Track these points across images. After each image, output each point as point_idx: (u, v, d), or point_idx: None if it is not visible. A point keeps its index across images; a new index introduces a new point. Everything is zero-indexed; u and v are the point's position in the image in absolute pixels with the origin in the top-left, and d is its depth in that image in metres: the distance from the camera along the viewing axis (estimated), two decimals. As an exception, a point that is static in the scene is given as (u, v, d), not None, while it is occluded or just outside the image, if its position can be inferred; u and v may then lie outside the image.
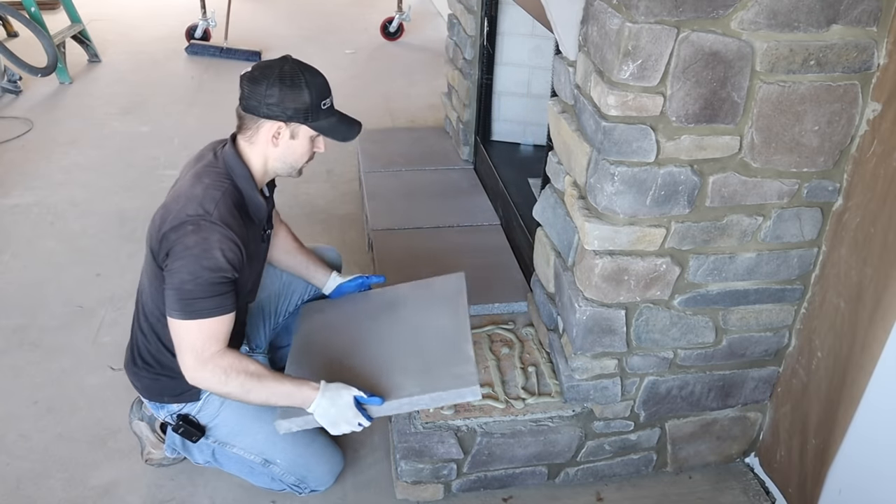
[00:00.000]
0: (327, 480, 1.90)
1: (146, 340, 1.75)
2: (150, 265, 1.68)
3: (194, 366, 1.57)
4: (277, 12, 6.46)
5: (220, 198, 1.59)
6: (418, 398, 1.67)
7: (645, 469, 2.01)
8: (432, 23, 6.20)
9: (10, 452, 2.02)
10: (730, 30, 1.40)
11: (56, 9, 5.42)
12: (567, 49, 1.68)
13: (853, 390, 1.62)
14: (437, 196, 2.93)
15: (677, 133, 1.49)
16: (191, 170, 1.69)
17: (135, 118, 4.21)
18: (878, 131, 1.51)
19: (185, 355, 1.58)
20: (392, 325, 1.93)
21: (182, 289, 1.54)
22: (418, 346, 1.82)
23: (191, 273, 1.53)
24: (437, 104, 4.20)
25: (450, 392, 1.66)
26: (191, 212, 1.56)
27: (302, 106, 1.61)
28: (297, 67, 1.63)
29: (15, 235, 3.04)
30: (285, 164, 1.70)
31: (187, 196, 1.59)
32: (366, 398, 1.64)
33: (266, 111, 1.60)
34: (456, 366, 1.71)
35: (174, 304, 1.55)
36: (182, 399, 1.77)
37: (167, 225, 1.57)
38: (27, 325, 2.51)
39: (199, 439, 1.79)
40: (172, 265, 1.55)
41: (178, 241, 1.54)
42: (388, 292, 2.06)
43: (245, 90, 1.62)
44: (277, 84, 1.58)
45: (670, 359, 1.80)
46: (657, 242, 1.62)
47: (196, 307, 1.54)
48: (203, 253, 1.53)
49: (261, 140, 1.65)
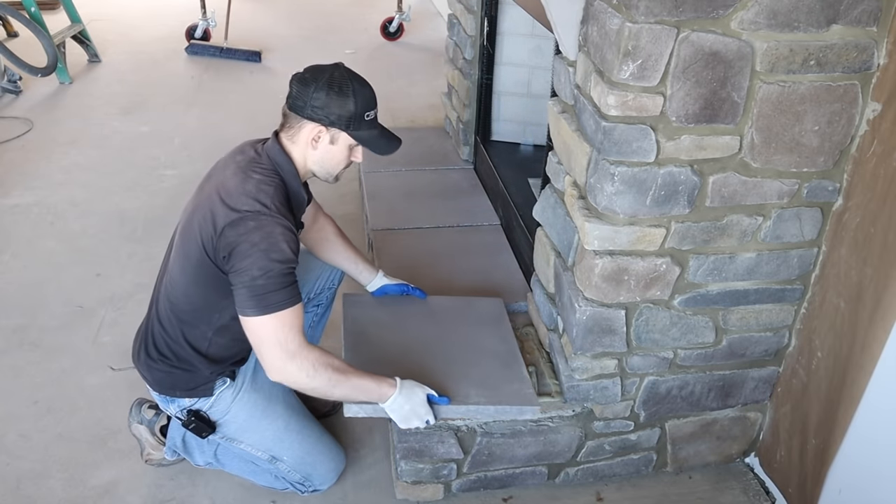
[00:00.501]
0: (330, 478, 1.90)
1: (165, 333, 1.74)
2: (187, 260, 1.65)
3: (283, 359, 1.56)
4: (277, 12, 6.46)
5: (273, 192, 1.60)
6: (483, 408, 1.76)
7: (645, 469, 2.01)
8: (432, 23, 6.20)
9: (10, 452, 2.02)
10: (730, 30, 1.40)
11: (56, 9, 5.42)
12: (567, 49, 1.68)
13: (853, 390, 1.62)
14: (437, 196, 2.93)
15: (677, 133, 1.49)
16: (229, 165, 1.68)
17: (135, 118, 4.22)
18: (878, 131, 1.51)
19: (271, 351, 1.56)
20: (442, 333, 2.01)
21: (254, 285, 1.53)
22: (472, 358, 1.91)
23: (261, 268, 1.52)
24: (437, 104, 4.21)
25: (513, 407, 1.77)
26: (247, 207, 1.56)
27: (345, 113, 1.62)
28: (346, 75, 1.65)
29: (15, 235, 3.04)
30: (322, 168, 1.72)
31: (238, 191, 1.59)
32: (437, 397, 1.71)
33: (310, 113, 1.62)
34: (513, 383, 1.83)
35: (247, 301, 1.54)
36: (195, 394, 1.76)
37: (222, 220, 1.55)
38: (27, 325, 2.52)
39: (208, 435, 1.79)
40: (239, 264, 1.54)
41: (242, 238, 1.53)
42: (430, 301, 2.13)
43: (293, 90, 1.64)
44: (325, 88, 1.60)
45: (670, 359, 1.80)
46: (657, 242, 1.62)
47: (270, 300, 1.53)
48: (270, 247, 1.53)
49: (301, 140, 1.66)
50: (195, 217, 1.64)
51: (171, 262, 1.74)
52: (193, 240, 1.62)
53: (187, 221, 1.67)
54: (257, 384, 1.83)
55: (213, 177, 1.70)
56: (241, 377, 1.81)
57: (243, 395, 1.80)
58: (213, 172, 1.73)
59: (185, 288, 1.68)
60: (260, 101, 4.52)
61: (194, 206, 1.68)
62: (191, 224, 1.65)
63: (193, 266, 1.64)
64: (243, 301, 1.54)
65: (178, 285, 1.70)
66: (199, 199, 1.68)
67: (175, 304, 1.71)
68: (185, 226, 1.68)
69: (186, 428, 1.79)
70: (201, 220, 1.61)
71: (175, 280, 1.71)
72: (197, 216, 1.63)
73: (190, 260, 1.64)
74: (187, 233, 1.66)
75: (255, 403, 1.80)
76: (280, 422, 1.82)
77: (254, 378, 1.83)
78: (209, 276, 1.62)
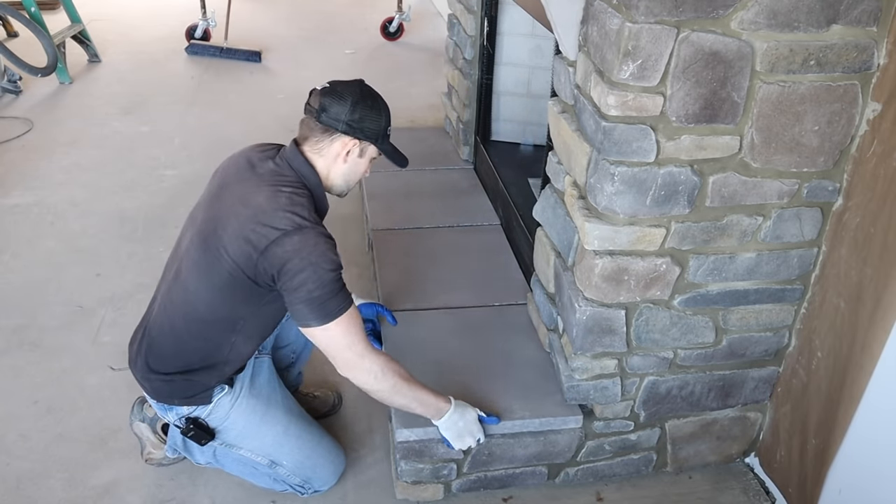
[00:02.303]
0: (330, 481, 1.91)
1: (173, 342, 1.71)
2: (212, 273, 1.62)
3: (354, 362, 1.60)
4: (277, 12, 6.46)
5: (307, 204, 1.62)
6: (529, 421, 1.82)
7: (645, 469, 2.01)
8: (432, 23, 6.20)
9: (10, 452, 2.02)
10: (730, 30, 1.40)
11: (56, 9, 5.42)
12: (567, 49, 1.68)
13: (853, 390, 1.62)
14: (437, 196, 2.93)
15: (677, 133, 1.49)
16: (247, 178, 1.65)
17: (135, 118, 4.22)
18: (878, 131, 1.51)
19: (341, 354, 1.60)
20: (478, 345, 2.06)
21: (311, 298, 1.54)
22: (510, 370, 1.96)
23: (316, 281, 1.54)
24: (437, 104, 4.21)
25: (557, 419, 1.83)
26: (287, 223, 1.55)
27: (377, 127, 1.67)
28: (371, 90, 1.69)
29: (15, 235, 3.04)
30: (344, 180, 1.73)
31: (273, 207, 1.57)
32: (486, 418, 1.78)
33: (345, 127, 1.64)
34: (556, 394, 1.88)
35: (309, 314, 1.56)
36: (193, 402, 1.75)
37: (264, 240, 1.54)
38: (27, 325, 2.52)
39: (207, 442, 1.79)
40: (292, 281, 1.54)
41: (290, 255, 1.53)
42: (460, 312, 2.20)
43: (324, 104, 1.63)
44: (361, 103, 1.63)
45: (670, 359, 1.80)
46: (657, 242, 1.62)
47: (330, 309, 1.56)
48: (321, 258, 1.54)
49: (331, 153, 1.67)
50: (218, 231, 1.60)
51: (183, 273, 1.70)
52: (222, 257, 1.59)
53: (206, 233, 1.64)
54: (255, 389, 1.83)
55: (230, 187, 1.67)
56: (239, 384, 1.80)
57: (241, 401, 1.79)
58: (227, 181, 1.69)
59: (210, 299, 1.65)
60: (260, 100, 4.52)
61: (211, 216, 1.65)
62: (213, 238, 1.61)
63: (223, 280, 1.61)
64: (304, 315, 1.57)
65: (200, 296, 1.66)
66: (216, 210, 1.64)
67: (193, 314, 1.68)
68: (204, 238, 1.64)
69: (185, 436, 1.78)
70: (232, 237, 1.58)
71: (193, 290, 1.67)
72: (223, 232, 1.60)
73: (217, 273, 1.62)
74: (209, 246, 1.62)
75: (254, 409, 1.80)
76: (279, 427, 1.82)
77: (252, 384, 1.83)
78: (240, 288, 1.62)
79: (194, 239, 1.68)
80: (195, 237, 1.68)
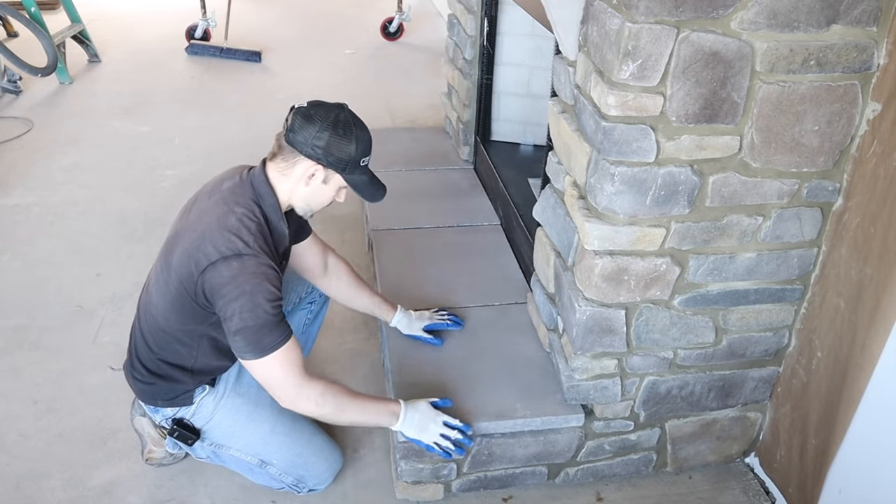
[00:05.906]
0: (326, 479, 1.90)
1: (148, 348, 1.74)
2: (167, 287, 1.64)
3: (293, 396, 1.61)
4: (277, 12, 6.46)
5: (256, 229, 1.59)
6: (531, 420, 1.82)
7: (645, 469, 2.01)
8: (432, 23, 6.20)
9: (10, 452, 2.02)
10: (730, 30, 1.40)
11: (56, 9, 5.42)
12: (567, 49, 1.68)
13: (853, 390, 1.62)
14: (437, 196, 2.93)
15: (677, 133, 1.49)
16: (215, 192, 1.66)
17: (135, 118, 4.21)
18: (878, 131, 1.51)
19: (278, 386, 1.60)
20: (481, 345, 2.07)
21: (245, 330, 1.53)
22: (513, 369, 1.97)
23: (251, 311, 1.52)
24: (437, 104, 4.21)
25: (559, 417, 1.83)
26: (228, 248, 1.54)
27: (345, 157, 1.61)
28: (351, 119, 1.63)
29: (15, 235, 3.04)
30: (306, 204, 1.71)
31: (220, 226, 1.56)
32: (438, 402, 1.78)
33: (309, 151, 1.60)
34: (557, 393, 1.88)
35: (244, 347, 1.55)
36: (175, 403, 1.77)
37: (203, 261, 1.54)
38: (27, 325, 2.52)
39: (194, 442, 1.80)
40: (227, 308, 1.53)
41: (227, 281, 1.52)
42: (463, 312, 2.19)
43: (295, 123, 1.60)
44: (330, 129, 1.58)
45: (670, 359, 1.80)
46: (657, 242, 1.62)
47: (265, 343, 1.55)
48: (256, 288, 1.53)
49: (294, 176, 1.64)
50: (178, 244, 1.62)
51: (151, 283, 1.73)
52: (174, 270, 1.61)
53: (168, 247, 1.66)
54: (241, 388, 1.83)
55: (198, 202, 1.68)
56: (223, 383, 1.81)
57: (226, 400, 1.80)
58: (199, 196, 1.70)
59: (165, 312, 1.67)
60: (260, 101, 4.52)
61: (176, 230, 1.66)
62: (172, 251, 1.63)
63: (172, 295, 1.63)
64: (240, 347, 1.56)
65: (159, 307, 1.68)
66: (181, 224, 1.66)
67: (156, 323, 1.71)
68: (166, 251, 1.67)
69: (171, 436, 1.79)
70: (182, 253, 1.59)
71: (155, 302, 1.70)
72: (179, 245, 1.61)
73: (169, 288, 1.64)
74: (168, 260, 1.64)
75: (239, 409, 1.80)
76: (266, 426, 1.81)
77: (237, 383, 1.83)
78: (186, 307, 1.62)
79: (161, 251, 1.70)
80: (162, 249, 1.70)
